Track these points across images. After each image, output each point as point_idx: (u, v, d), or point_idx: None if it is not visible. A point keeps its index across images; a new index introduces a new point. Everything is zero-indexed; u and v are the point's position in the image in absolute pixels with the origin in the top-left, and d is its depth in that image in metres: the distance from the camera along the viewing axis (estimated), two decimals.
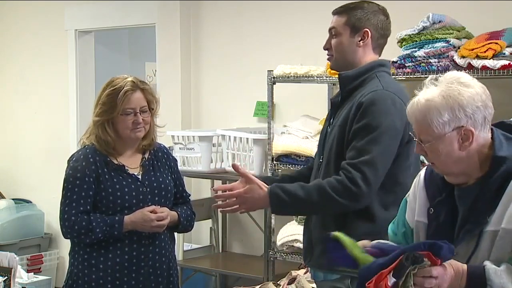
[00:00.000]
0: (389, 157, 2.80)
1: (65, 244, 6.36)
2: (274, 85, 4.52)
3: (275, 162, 4.50)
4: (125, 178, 3.22)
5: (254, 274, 4.68)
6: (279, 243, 4.51)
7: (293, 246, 4.44)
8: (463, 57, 3.70)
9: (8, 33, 6.72)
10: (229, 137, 4.79)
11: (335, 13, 3.02)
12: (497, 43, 3.62)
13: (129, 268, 3.19)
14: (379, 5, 3.04)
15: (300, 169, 3.57)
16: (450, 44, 3.77)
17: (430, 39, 3.83)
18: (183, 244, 5.10)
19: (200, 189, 5.44)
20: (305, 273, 3.89)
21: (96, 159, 3.20)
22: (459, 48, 3.78)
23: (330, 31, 3.03)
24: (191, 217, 3.40)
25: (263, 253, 4.79)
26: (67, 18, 6.26)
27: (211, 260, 5.22)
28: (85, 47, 6.30)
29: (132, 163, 3.27)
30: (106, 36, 6.78)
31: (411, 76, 3.87)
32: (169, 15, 5.57)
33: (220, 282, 5.30)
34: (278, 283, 4.01)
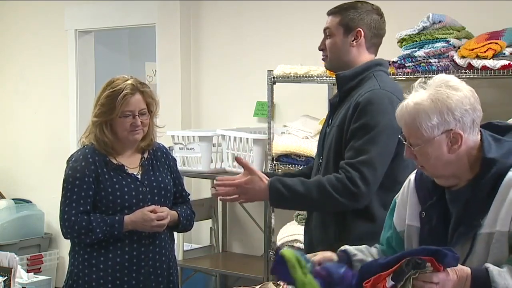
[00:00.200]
0: (388, 156, 2.80)
1: (65, 244, 6.36)
2: (274, 85, 4.52)
3: (275, 162, 4.50)
4: (124, 178, 3.22)
5: (254, 274, 4.68)
6: (279, 243, 4.51)
7: (293, 246, 4.44)
8: (463, 57, 3.70)
9: (8, 33, 6.72)
10: (229, 137, 4.79)
11: (330, 13, 3.05)
12: (497, 43, 3.62)
13: (129, 268, 3.19)
14: (373, 5, 3.06)
15: (302, 168, 3.58)
16: (450, 44, 3.77)
17: (430, 39, 3.83)
18: (183, 244, 5.10)
19: (200, 189, 5.44)
20: None
21: (96, 159, 3.20)
22: (459, 48, 3.78)
23: (324, 31, 3.06)
24: (191, 216, 3.40)
25: (263, 253, 4.79)
26: (67, 18, 6.26)
27: (211, 260, 5.22)
28: (85, 47, 6.30)
29: (131, 163, 3.27)
30: (106, 36, 6.78)
31: (411, 76, 3.87)
32: (169, 15, 5.57)
33: (220, 282, 5.30)
34: (278, 283, 4.00)
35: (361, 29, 2.97)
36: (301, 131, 4.48)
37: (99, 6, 6.05)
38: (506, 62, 3.56)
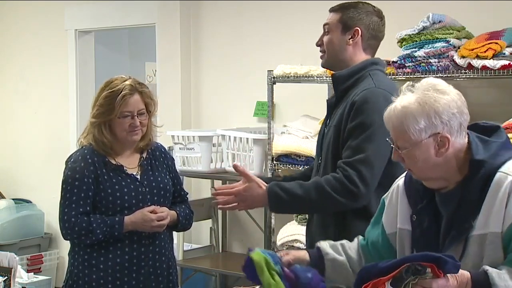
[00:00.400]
0: (385, 154, 2.80)
1: (65, 244, 6.34)
2: (274, 85, 4.52)
3: (275, 162, 4.50)
4: (124, 178, 3.21)
5: None
6: (279, 243, 4.51)
7: (293, 246, 4.44)
8: (463, 57, 3.70)
9: (8, 33, 6.72)
10: (229, 137, 4.78)
11: (331, 10, 3.09)
12: (497, 43, 3.62)
13: (129, 268, 3.19)
14: (375, 6, 3.07)
15: (303, 170, 3.57)
16: (450, 44, 3.77)
17: (430, 39, 3.83)
18: (183, 244, 5.10)
19: (200, 189, 5.44)
20: None
21: (95, 159, 3.19)
22: (459, 48, 3.78)
23: (324, 27, 3.08)
24: (190, 215, 3.40)
25: None
26: (67, 18, 6.26)
27: (211, 260, 5.22)
28: (85, 47, 6.31)
29: (130, 163, 3.27)
30: (106, 36, 6.78)
31: (411, 76, 3.86)
32: (169, 15, 5.57)
33: (220, 282, 5.30)
34: None
35: (359, 28, 2.99)
36: (301, 131, 4.48)
37: (99, 6, 6.05)
38: (506, 62, 3.56)
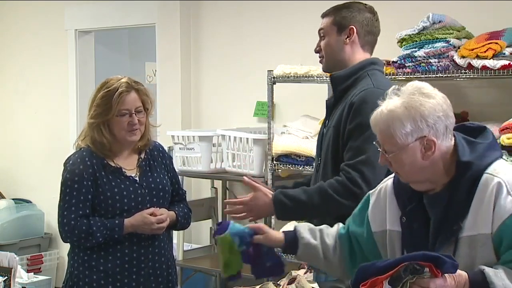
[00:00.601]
0: None
1: (65, 244, 6.34)
2: (274, 85, 4.52)
3: (275, 162, 4.49)
4: (123, 181, 3.20)
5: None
6: None
7: None
8: (463, 57, 3.70)
9: (8, 33, 6.72)
10: (229, 137, 4.78)
11: (323, 15, 3.11)
12: (497, 43, 3.62)
13: (129, 269, 3.19)
14: (366, 4, 3.11)
15: (310, 175, 3.59)
16: (450, 44, 3.77)
17: (430, 39, 3.83)
18: (183, 244, 5.10)
19: (200, 189, 5.44)
20: (305, 273, 3.88)
21: (93, 162, 3.18)
22: (459, 48, 3.78)
23: (319, 33, 3.11)
24: (188, 214, 3.41)
25: None
26: (67, 18, 6.26)
27: (211, 260, 5.21)
28: (85, 47, 6.31)
29: (129, 164, 3.26)
30: (106, 36, 6.78)
31: (411, 76, 3.86)
32: (169, 15, 5.56)
33: (220, 282, 5.30)
34: (278, 283, 4.00)
35: (353, 26, 3.02)
36: (301, 131, 4.48)
37: (99, 6, 6.05)
38: (506, 62, 3.56)
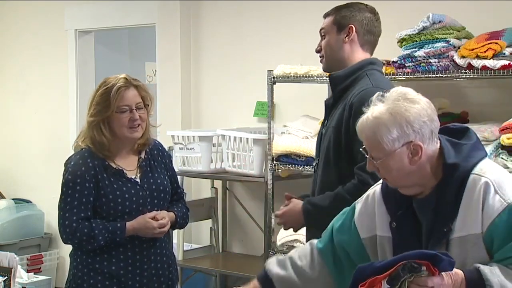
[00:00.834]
0: None
1: (65, 244, 6.37)
2: (274, 85, 4.52)
3: (275, 162, 4.49)
4: (124, 183, 3.19)
5: (254, 274, 4.61)
6: (279, 243, 4.51)
7: (293, 246, 4.44)
8: (463, 57, 3.70)
9: (8, 33, 6.72)
10: (229, 137, 4.78)
11: (325, 16, 3.15)
12: (497, 43, 3.62)
13: (133, 271, 3.19)
14: (367, 4, 3.13)
15: None
16: (450, 44, 3.77)
17: (430, 39, 3.83)
18: (183, 244, 5.10)
19: (200, 189, 5.44)
20: None
21: (95, 163, 3.16)
22: (459, 48, 3.78)
23: (320, 32, 3.14)
24: (186, 214, 3.41)
25: (263, 253, 4.79)
26: (67, 18, 6.26)
27: (211, 260, 5.22)
28: (85, 47, 6.31)
29: (129, 164, 3.24)
30: (106, 36, 6.78)
31: (411, 76, 3.87)
32: (169, 15, 5.56)
33: (220, 282, 5.30)
34: None
35: (353, 25, 3.05)
36: (301, 131, 4.48)
37: (99, 6, 6.05)
38: (506, 62, 3.56)
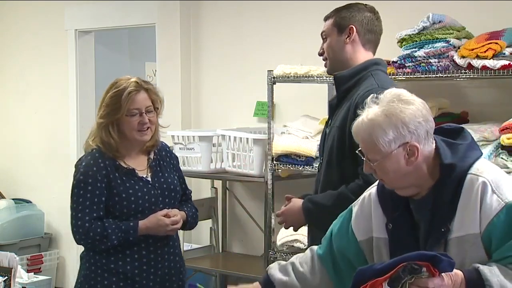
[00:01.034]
0: None
1: (65, 244, 6.36)
2: (274, 85, 4.52)
3: (275, 162, 4.49)
4: (136, 182, 3.20)
5: (254, 274, 4.67)
6: (279, 243, 4.51)
7: (293, 246, 4.44)
8: (463, 57, 3.70)
9: (8, 33, 6.72)
10: (229, 137, 4.78)
11: (325, 18, 3.16)
12: (497, 43, 3.62)
13: (147, 270, 3.20)
14: (366, 4, 3.14)
15: None
16: (450, 44, 3.77)
17: (430, 39, 3.83)
18: (183, 244, 5.09)
19: (200, 189, 5.43)
20: None
21: (106, 163, 3.18)
22: (459, 48, 3.77)
23: (321, 35, 3.16)
24: (196, 214, 3.44)
25: (263, 253, 4.80)
26: (67, 18, 6.26)
27: (211, 260, 5.22)
28: (85, 47, 6.31)
29: (139, 164, 3.26)
30: (106, 36, 6.78)
31: (411, 76, 3.86)
32: (169, 15, 5.57)
33: (220, 282, 5.30)
34: None
35: (353, 26, 3.06)
36: (301, 131, 4.48)
37: (99, 6, 6.05)
38: (506, 62, 3.56)
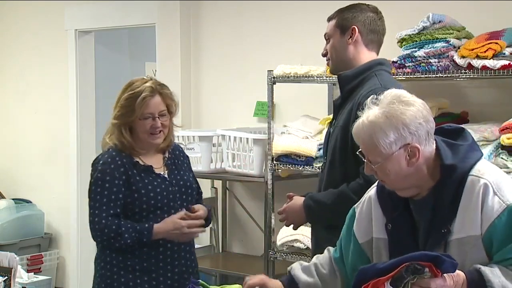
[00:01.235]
0: None
1: (65, 244, 6.36)
2: (274, 85, 4.52)
3: (275, 162, 4.49)
4: (154, 178, 3.23)
5: (254, 274, 4.66)
6: (279, 243, 4.51)
7: (293, 246, 4.44)
8: (463, 57, 3.70)
9: (8, 33, 6.72)
10: (229, 137, 4.78)
11: (328, 19, 3.16)
12: (497, 43, 3.62)
13: (164, 267, 3.21)
14: (369, 5, 3.15)
15: None
16: (450, 44, 3.77)
17: (430, 39, 3.83)
18: None
19: None
20: None
21: (124, 161, 3.20)
22: (459, 48, 3.78)
23: (324, 36, 3.16)
24: (210, 213, 3.48)
25: (263, 253, 4.79)
26: (67, 18, 6.26)
27: (211, 260, 5.21)
28: (85, 47, 6.31)
29: (156, 162, 3.29)
30: (106, 36, 6.78)
31: (411, 76, 3.87)
32: (169, 15, 5.57)
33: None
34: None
35: (355, 26, 3.06)
36: (301, 131, 4.48)
37: (99, 6, 6.05)
38: (506, 62, 3.56)
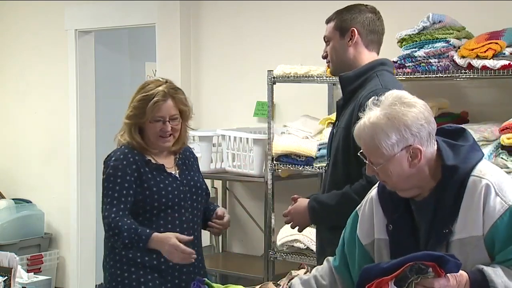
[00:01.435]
0: None
1: (65, 244, 6.36)
2: (274, 85, 4.52)
3: (275, 162, 4.49)
4: (166, 177, 3.25)
5: (254, 274, 4.68)
6: (279, 243, 4.51)
7: (293, 246, 4.44)
8: (463, 57, 3.70)
9: (8, 33, 6.72)
10: (229, 137, 4.79)
11: (327, 21, 3.16)
12: (497, 43, 3.62)
13: (173, 265, 3.22)
14: (367, 5, 3.14)
15: None
16: (450, 44, 3.77)
17: (430, 39, 3.83)
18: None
19: None
20: (305, 273, 3.88)
21: (136, 158, 3.23)
22: (459, 48, 3.78)
23: (324, 39, 3.16)
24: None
25: (263, 253, 4.79)
26: (67, 18, 6.26)
27: (211, 260, 5.21)
28: (85, 47, 6.31)
29: (167, 162, 3.31)
30: (106, 36, 6.78)
31: (411, 76, 3.87)
32: (169, 15, 5.57)
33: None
34: (278, 283, 4.00)
35: (354, 28, 3.06)
36: (301, 131, 4.48)
37: (99, 6, 6.05)
38: (506, 62, 3.56)
